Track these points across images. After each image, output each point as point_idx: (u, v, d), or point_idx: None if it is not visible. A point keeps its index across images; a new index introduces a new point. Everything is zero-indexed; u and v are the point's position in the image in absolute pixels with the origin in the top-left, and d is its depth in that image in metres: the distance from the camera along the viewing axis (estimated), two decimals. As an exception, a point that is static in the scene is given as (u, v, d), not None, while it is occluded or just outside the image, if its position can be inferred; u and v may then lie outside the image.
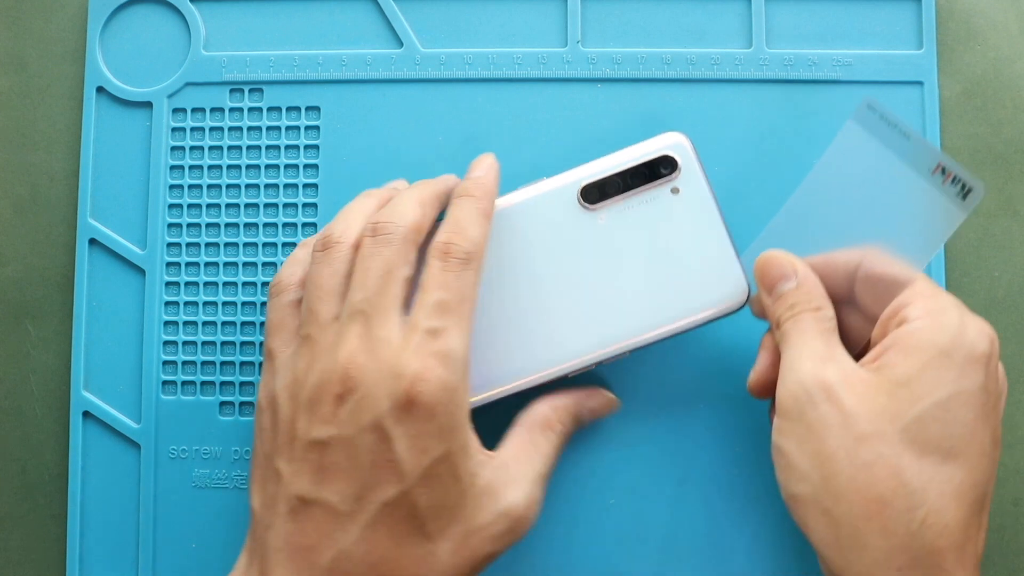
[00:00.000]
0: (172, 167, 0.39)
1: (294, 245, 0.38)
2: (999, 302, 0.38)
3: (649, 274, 0.34)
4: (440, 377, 0.29)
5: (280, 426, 0.30)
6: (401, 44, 0.39)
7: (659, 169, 0.34)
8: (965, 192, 0.30)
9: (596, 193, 0.34)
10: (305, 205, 0.39)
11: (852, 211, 0.32)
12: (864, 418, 0.28)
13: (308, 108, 0.39)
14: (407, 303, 0.30)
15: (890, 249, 0.31)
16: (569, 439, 0.34)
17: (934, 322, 0.29)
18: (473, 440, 0.30)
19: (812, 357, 0.30)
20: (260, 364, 0.38)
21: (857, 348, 0.32)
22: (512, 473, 0.31)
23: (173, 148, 0.39)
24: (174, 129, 0.39)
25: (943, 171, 0.30)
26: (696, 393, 0.37)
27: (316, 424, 0.29)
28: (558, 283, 0.34)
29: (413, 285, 0.31)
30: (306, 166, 0.39)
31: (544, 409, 0.33)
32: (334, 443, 0.29)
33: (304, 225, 0.39)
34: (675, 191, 0.34)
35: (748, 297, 0.33)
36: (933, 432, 0.28)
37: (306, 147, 0.39)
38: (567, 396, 0.34)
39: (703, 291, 0.34)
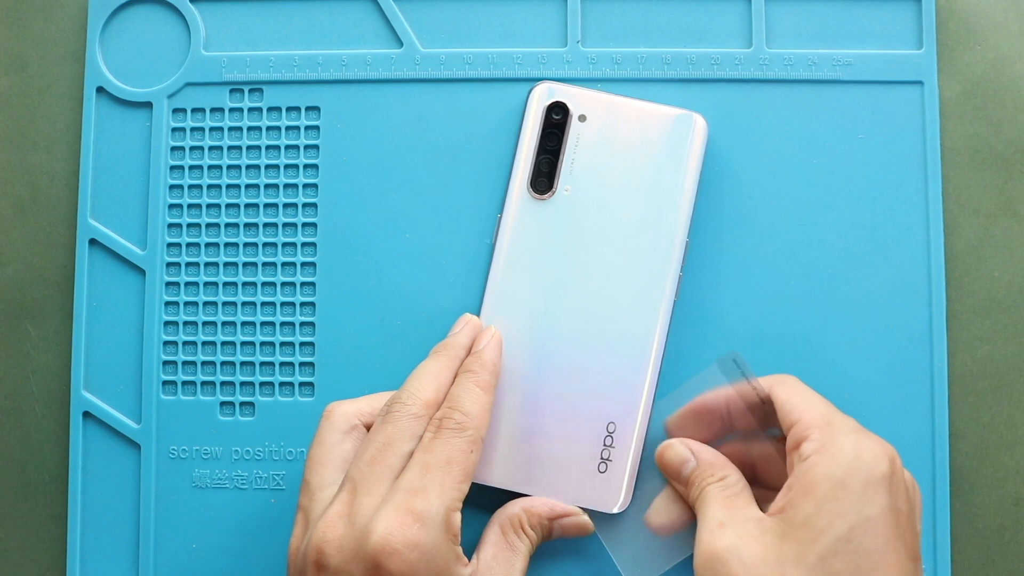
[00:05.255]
0: (172, 167, 0.39)
1: (294, 245, 0.39)
2: (999, 302, 0.38)
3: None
4: (409, 536, 0.29)
5: None
6: (401, 44, 0.39)
7: (553, 118, 0.36)
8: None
9: (544, 182, 0.36)
10: (305, 205, 0.39)
11: None
12: (766, 568, 0.28)
13: (308, 108, 0.39)
14: None
15: None
16: (535, 549, 0.34)
17: (828, 454, 0.29)
18: None
19: (708, 529, 0.30)
20: (260, 364, 0.38)
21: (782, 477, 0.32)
22: None
23: (173, 148, 0.39)
24: (174, 129, 0.39)
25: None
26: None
27: None
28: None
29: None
30: (306, 166, 0.39)
31: (519, 512, 0.34)
32: None
33: (304, 225, 0.39)
34: (582, 118, 0.36)
35: None
36: (839, 567, 0.28)
37: (306, 147, 0.39)
38: (543, 504, 0.34)
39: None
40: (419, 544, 0.29)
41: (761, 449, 0.34)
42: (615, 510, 0.35)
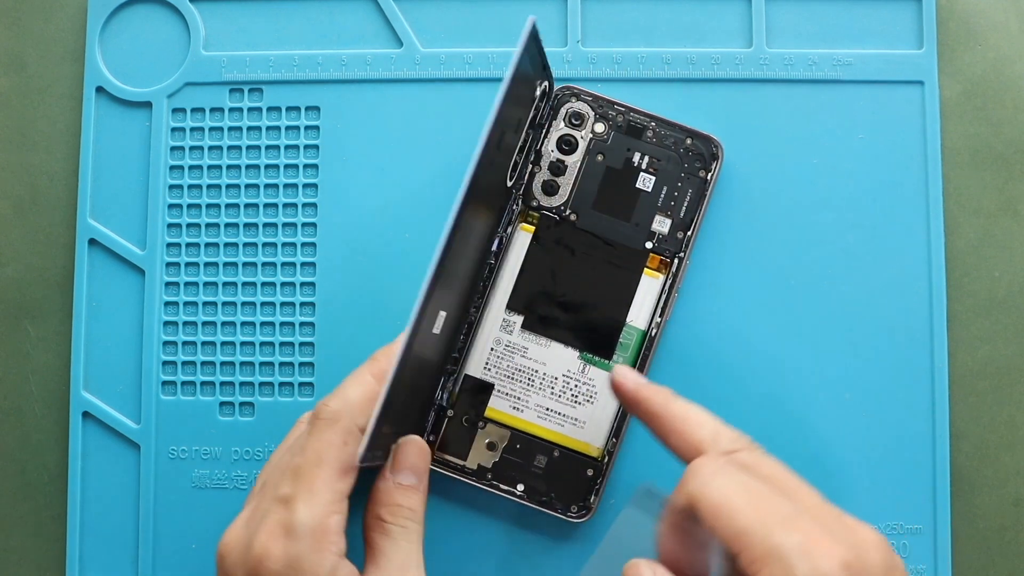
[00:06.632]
0: (172, 167, 0.39)
1: (294, 245, 0.38)
2: (999, 302, 0.38)
3: None
4: (275, 551, 0.29)
5: None
6: (401, 44, 0.39)
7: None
8: None
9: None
10: (305, 205, 0.39)
11: None
12: None
13: (308, 108, 0.39)
14: None
15: None
16: (422, 506, 0.32)
17: None
18: None
19: None
20: (260, 365, 0.38)
21: None
22: None
23: (173, 148, 0.39)
24: (174, 129, 0.39)
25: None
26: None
27: None
28: None
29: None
30: (306, 166, 0.39)
31: (375, 510, 0.31)
32: None
33: (304, 225, 0.39)
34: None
35: None
36: None
37: (306, 147, 0.39)
38: (380, 480, 0.32)
39: None
40: (286, 556, 0.29)
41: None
42: (356, 461, 0.29)
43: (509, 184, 0.36)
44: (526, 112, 0.36)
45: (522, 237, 0.37)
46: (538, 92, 0.36)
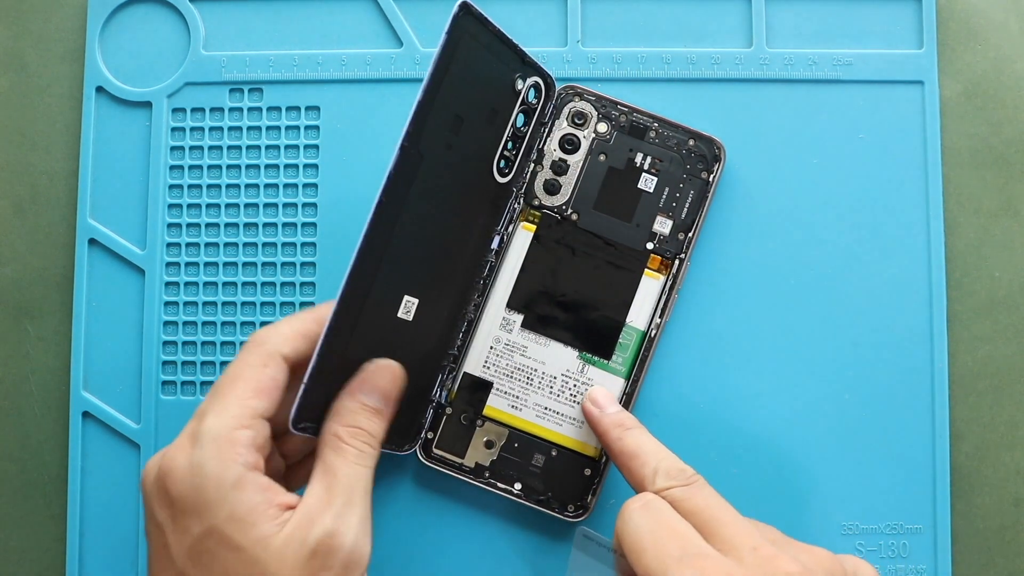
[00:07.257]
0: (172, 167, 0.39)
1: (294, 245, 0.38)
2: (999, 302, 0.38)
3: None
4: (180, 458, 0.29)
5: None
6: (401, 44, 0.39)
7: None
8: None
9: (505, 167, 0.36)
10: (305, 205, 0.39)
11: None
12: None
13: (308, 108, 0.39)
14: None
15: None
16: (383, 433, 0.31)
17: None
18: (253, 505, 0.28)
19: None
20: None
21: None
22: (320, 508, 0.29)
23: (173, 148, 0.39)
24: (174, 129, 0.39)
25: None
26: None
27: None
28: None
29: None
30: (306, 166, 0.39)
31: (333, 427, 0.30)
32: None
33: (304, 225, 0.39)
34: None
35: None
36: None
37: (306, 147, 0.39)
38: (343, 397, 0.31)
39: None
40: (189, 464, 0.28)
41: None
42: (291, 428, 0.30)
43: (502, 180, 0.36)
44: (506, 105, 0.36)
45: (523, 236, 0.37)
46: (522, 86, 0.36)
